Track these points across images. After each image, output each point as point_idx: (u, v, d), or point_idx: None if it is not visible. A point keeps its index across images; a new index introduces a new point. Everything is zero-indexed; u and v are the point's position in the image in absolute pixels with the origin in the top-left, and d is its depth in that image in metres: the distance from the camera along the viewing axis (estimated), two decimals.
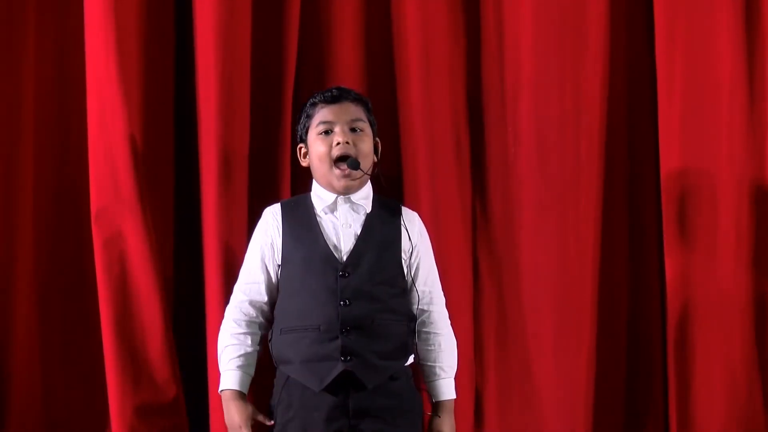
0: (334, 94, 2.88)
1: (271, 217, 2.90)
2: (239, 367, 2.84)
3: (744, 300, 3.32)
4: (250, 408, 2.83)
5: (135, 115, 3.27)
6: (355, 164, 2.82)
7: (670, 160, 3.34)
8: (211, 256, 3.26)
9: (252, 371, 2.86)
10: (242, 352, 2.85)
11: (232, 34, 3.29)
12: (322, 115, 2.87)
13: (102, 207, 3.24)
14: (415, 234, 2.90)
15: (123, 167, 3.22)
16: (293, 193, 3.35)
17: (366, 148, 2.86)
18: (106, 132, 3.24)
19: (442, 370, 2.91)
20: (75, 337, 3.38)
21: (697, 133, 3.33)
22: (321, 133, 2.86)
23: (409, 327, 2.86)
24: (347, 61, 3.43)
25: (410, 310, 2.87)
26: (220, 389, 2.86)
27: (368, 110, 2.92)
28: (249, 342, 2.86)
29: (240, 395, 2.84)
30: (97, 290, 3.25)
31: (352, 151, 2.83)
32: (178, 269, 3.40)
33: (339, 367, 2.74)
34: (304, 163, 2.94)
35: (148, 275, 3.22)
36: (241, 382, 2.84)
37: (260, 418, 2.84)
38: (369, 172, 2.85)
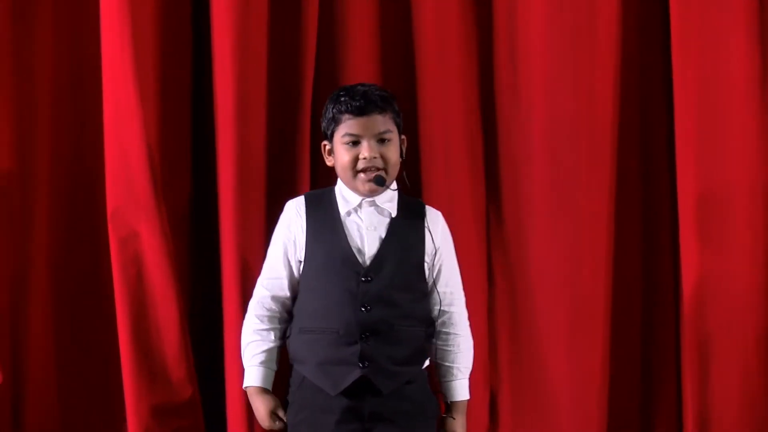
0: (362, 105, 2.81)
1: (295, 213, 2.89)
2: (262, 363, 2.85)
3: (759, 301, 3.31)
4: (272, 402, 2.84)
5: (151, 115, 3.27)
6: (381, 181, 2.81)
7: (686, 162, 3.33)
8: (228, 256, 3.26)
9: (275, 366, 2.87)
10: (265, 347, 2.86)
11: (249, 35, 3.28)
12: (348, 126, 2.83)
13: (117, 207, 3.24)
14: (438, 236, 2.89)
15: (138, 167, 3.23)
16: None
17: (393, 157, 2.84)
18: (121, 132, 3.24)
19: (459, 371, 2.91)
20: (91, 336, 3.39)
21: (712, 135, 3.31)
22: (347, 143, 2.84)
23: (426, 332, 2.86)
24: (364, 62, 3.42)
25: (428, 315, 2.87)
26: (244, 386, 2.88)
27: (395, 113, 2.88)
28: (272, 337, 2.87)
29: (264, 391, 2.85)
30: (112, 290, 3.25)
31: (378, 164, 2.81)
32: (194, 269, 3.41)
33: (356, 373, 2.74)
34: (329, 162, 2.91)
35: (163, 275, 3.23)
36: (265, 378, 2.85)
37: (280, 413, 2.84)
38: (392, 183, 2.84)
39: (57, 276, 3.37)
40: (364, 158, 2.81)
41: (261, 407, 2.84)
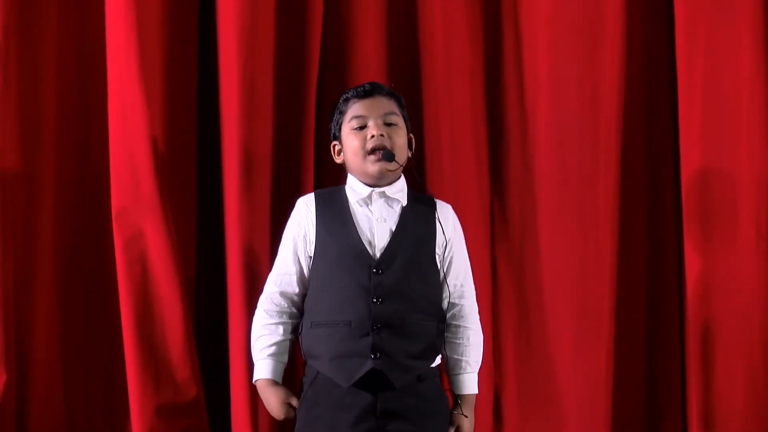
0: (367, 88, 2.88)
1: (305, 208, 2.90)
2: (271, 355, 2.85)
3: (764, 300, 3.31)
4: (284, 392, 2.84)
5: (156, 115, 3.27)
6: (389, 156, 2.82)
7: (690, 160, 3.33)
8: (233, 256, 3.26)
9: (285, 359, 2.88)
10: (274, 341, 2.86)
11: (255, 34, 3.28)
12: (355, 110, 2.87)
13: (123, 207, 3.24)
14: (449, 228, 2.90)
15: (144, 167, 3.23)
16: None
17: (400, 141, 2.86)
18: (127, 131, 3.24)
19: (468, 364, 2.90)
20: (95, 336, 3.38)
21: (717, 133, 3.33)
22: (355, 128, 2.86)
23: (438, 328, 2.85)
24: (370, 62, 3.43)
25: (441, 310, 2.87)
26: (254, 379, 2.87)
27: (401, 105, 2.92)
28: (281, 331, 2.87)
29: (273, 383, 2.85)
30: (117, 290, 3.25)
31: (387, 143, 2.83)
32: (199, 269, 3.40)
33: (368, 365, 2.74)
34: (338, 160, 2.94)
35: (169, 275, 3.22)
36: (274, 371, 2.85)
37: (293, 401, 2.84)
38: (403, 164, 2.85)
39: (62, 275, 3.36)
40: (372, 136, 2.83)
41: (272, 399, 2.84)
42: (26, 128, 3.31)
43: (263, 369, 2.86)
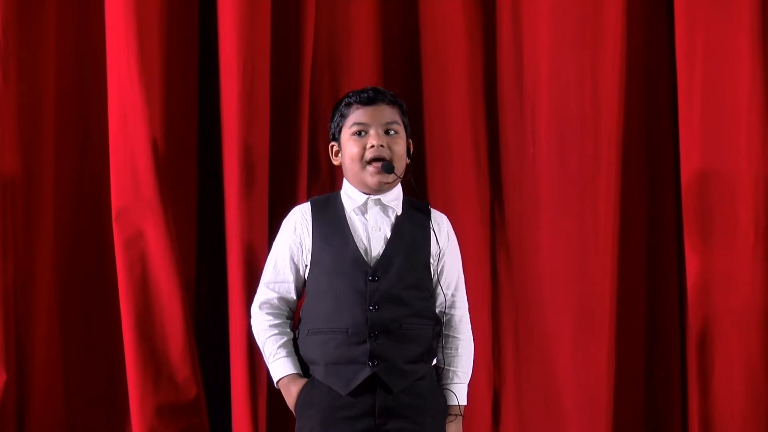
0: (370, 95, 2.86)
1: (301, 217, 2.89)
2: (288, 353, 2.85)
3: (763, 299, 3.31)
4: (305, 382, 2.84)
5: (156, 115, 3.27)
6: (389, 168, 2.81)
7: (690, 160, 3.34)
8: (233, 256, 3.26)
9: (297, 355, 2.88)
10: (286, 339, 2.86)
11: (255, 34, 3.28)
12: (356, 116, 2.85)
13: (123, 207, 3.24)
14: (443, 237, 2.89)
15: (144, 167, 3.23)
16: (309, 193, 3.36)
17: (400, 150, 2.85)
18: (127, 132, 3.24)
19: (456, 375, 2.89)
20: (96, 336, 3.39)
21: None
22: (355, 134, 2.85)
23: (434, 330, 2.85)
24: (366, 61, 3.43)
25: (436, 314, 2.87)
26: (276, 380, 2.85)
27: (403, 112, 2.90)
28: (288, 330, 2.88)
29: (298, 377, 2.84)
30: (118, 290, 3.25)
31: (386, 154, 2.82)
32: (200, 269, 3.40)
33: (366, 372, 2.74)
34: (335, 161, 2.93)
35: (169, 275, 3.23)
36: (296, 365, 2.85)
37: None
38: (401, 175, 2.85)
39: (62, 275, 3.36)
40: (372, 146, 2.82)
41: (296, 390, 2.82)
42: (26, 128, 3.31)
43: (284, 367, 2.84)
